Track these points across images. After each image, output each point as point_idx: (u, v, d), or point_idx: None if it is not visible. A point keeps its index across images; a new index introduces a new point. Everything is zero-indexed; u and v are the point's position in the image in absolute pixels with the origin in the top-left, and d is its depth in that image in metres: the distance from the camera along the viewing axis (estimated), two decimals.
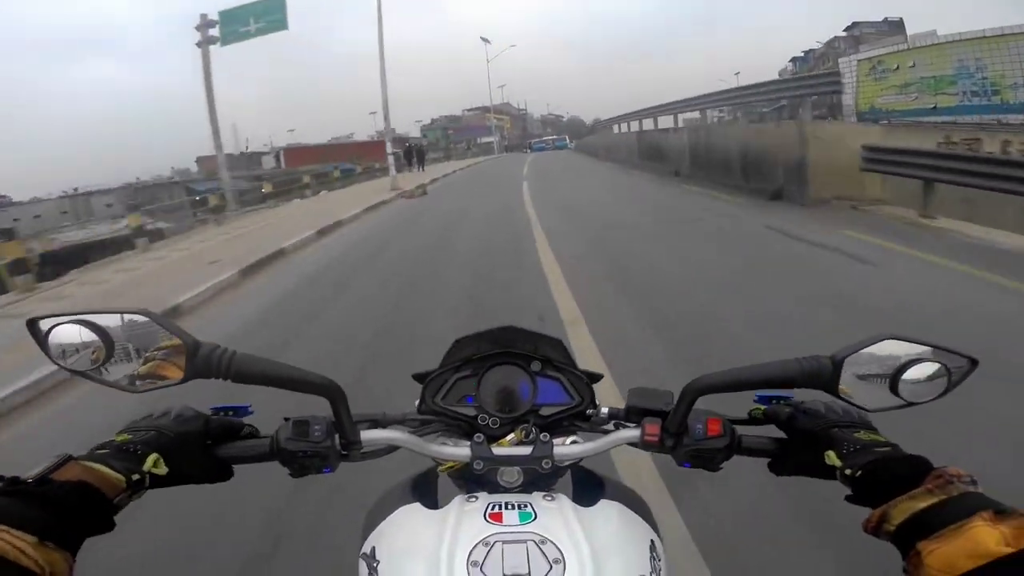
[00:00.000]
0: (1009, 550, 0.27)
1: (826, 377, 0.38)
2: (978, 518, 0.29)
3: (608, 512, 0.40)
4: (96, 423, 1.75)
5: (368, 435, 0.41)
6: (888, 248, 3.55)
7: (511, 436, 0.43)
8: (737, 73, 58.31)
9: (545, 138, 52.52)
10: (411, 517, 0.40)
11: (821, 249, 3.63)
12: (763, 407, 0.45)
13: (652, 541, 0.40)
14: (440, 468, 0.44)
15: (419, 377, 0.48)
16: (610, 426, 0.46)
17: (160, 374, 0.36)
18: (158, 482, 0.37)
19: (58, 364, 0.35)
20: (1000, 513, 0.29)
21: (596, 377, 0.49)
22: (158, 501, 0.39)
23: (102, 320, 0.35)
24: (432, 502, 0.42)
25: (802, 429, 0.41)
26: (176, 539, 1.24)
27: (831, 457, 0.38)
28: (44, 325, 0.35)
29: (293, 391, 0.37)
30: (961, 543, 0.28)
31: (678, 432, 0.41)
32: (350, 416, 0.40)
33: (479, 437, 0.43)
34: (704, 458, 0.41)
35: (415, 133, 57.01)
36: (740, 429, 0.42)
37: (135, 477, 0.34)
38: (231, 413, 0.44)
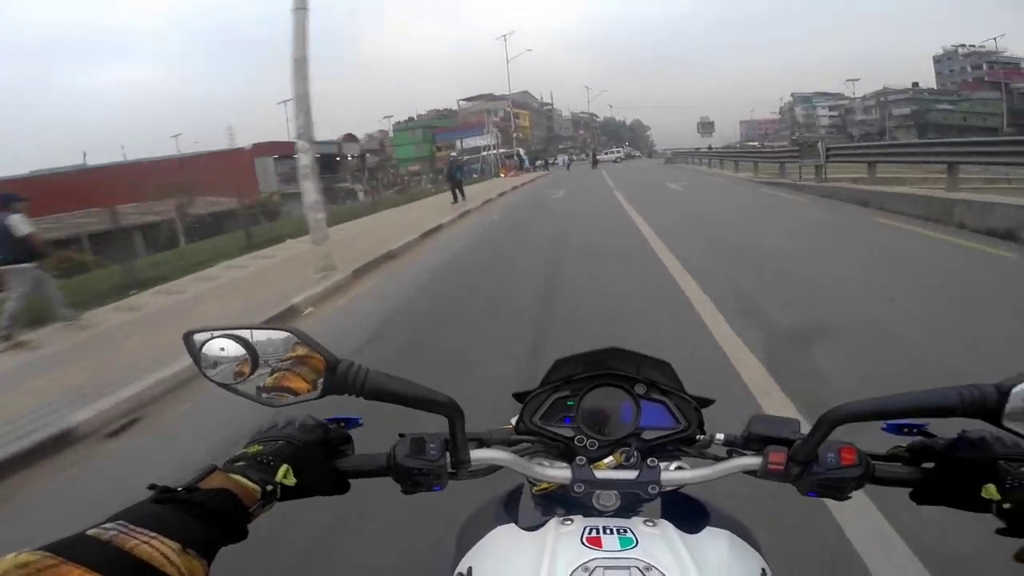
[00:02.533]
0: None
1: (990, 407, 0.40)
2: None
3: (716, 540, 0.45)
4: None
5: (476, 454, 0.47)
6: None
7: (610, 459, 0.49)
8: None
9: (614, 148, 50.46)
10: (507, 538, 0.46)
11: None
12: (904, 445, 0.48)
13: (763, 570, 0.44)
14: (535, 489, 0.51)
15: (519, 396, 0.55)
16: (722, 452, 0.51)
17: (296, 389, 0.43)
18: (287, 493, 0.44)
19: (206, 375, 0.44)
20: None
21: (706, 402, 0.54)
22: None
23: (250, 335, 0.43)
24: (525, 522, 0.48)
25: (963, 459, 0.44)
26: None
27: (990, 491, 0.41)
28: (198, 339, 0.43)
29: (420, 409, 0.44)
30: None
31: (806, 461, 0.44)
32: (464, 435, 0.46)
33: (581, 459, 0.48)
34: (833, 487, 0.45)
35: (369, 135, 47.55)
36: (881, 463, 0.46)
37: (269, 488, 0.41)
38: (343, 424, 0.51)
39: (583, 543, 0.42)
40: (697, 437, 0.52)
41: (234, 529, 0.38)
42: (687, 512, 0.50)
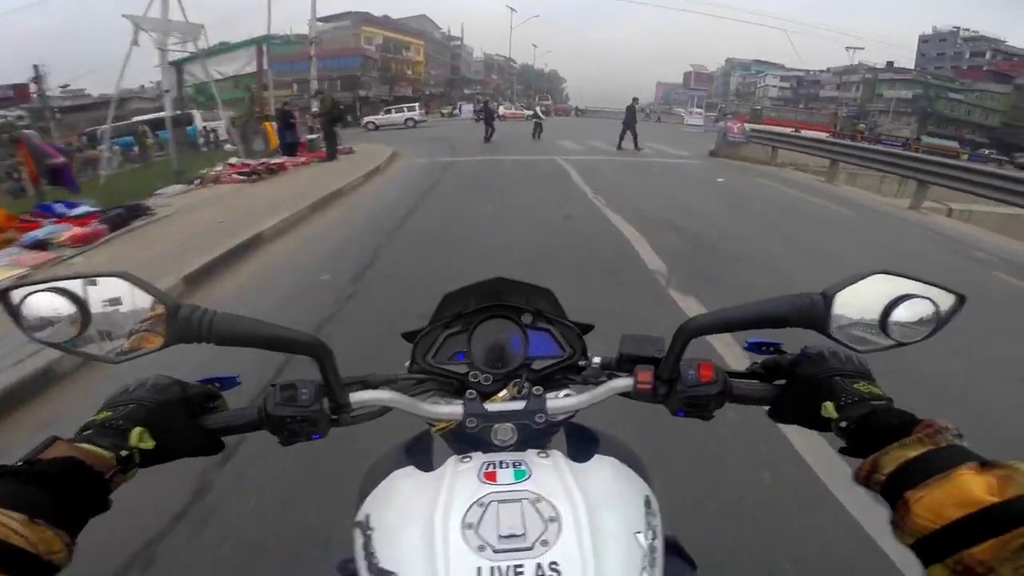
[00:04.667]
0: (995, 499, 0.36)
1: (818, 314, 0.49)
2: (965, 468, 0.39)
3: (602, 467, 0.53)
4: None
5: (358, 396, 0.53)
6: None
7: (504, 392, 0.58)
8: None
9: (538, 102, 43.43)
10: (405, 481, 0.52)
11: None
12: (759, 359, 0.60)
13: (647, 497, 0.52)
14: (434, 429, 0.59)
15: (408, 336, 0.63)
16: (603, 377, 0.60)
17: (139, 342, 0.46)
18: (148, 458, 0.49)
19: (33, 338, 0.44)
20: (985, 464, 0.39)
21: (587, 328, 0.64)
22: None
23: (78, 287, 0.44)
24: (427, 465, 0.54)
25: (804, 376, 0.54)
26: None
27: (828, 409, 0.51)
28: (16, 296, 0.43)
29: (279, 351, 0.50)
30: (948, 491, 0.38)
31: (671, 379, 0.54)
32: (339, 377, 0.52)
33: (471, 394, 0.56)
34: (698, 406, 0.54)
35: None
36: (736, 380, 0.57)
37: (123, 453, 0.46)
38: (218, 385, 0.57)
39: (480, 479, 0.48)
40: (580, 363, 0.61)
41: (92, 499, 0.42)
42: (583, 441, 0.60)
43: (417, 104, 34.34)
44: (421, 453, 0.58)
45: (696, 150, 15.63)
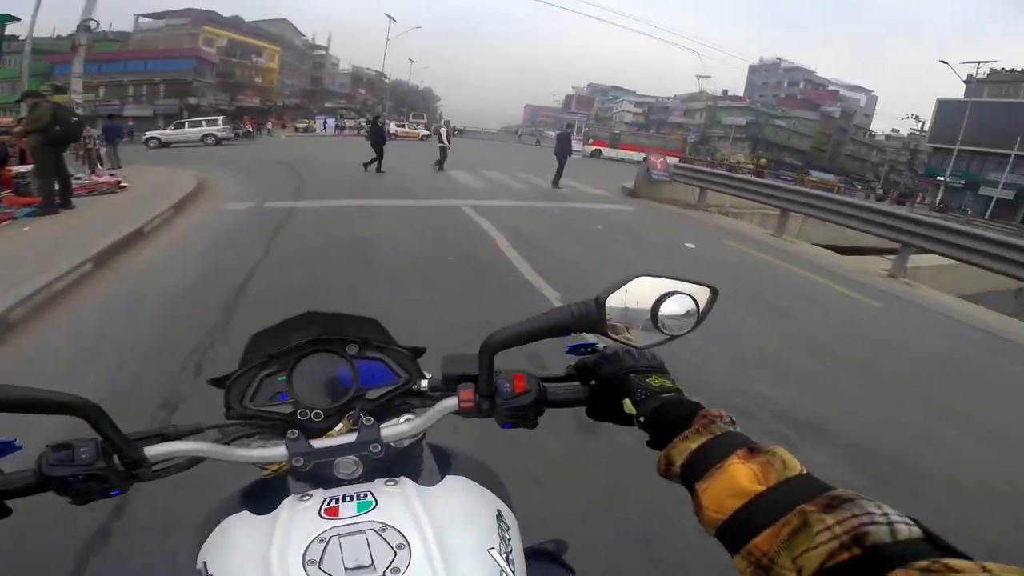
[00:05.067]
0: (760, 488, 0.38)
1: (593, 319, 0.51)
2: (734, 456, 0.41)
3: (451, 488, 0.53)
4: None
5: (155, 450, 0.50)
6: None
7: (340, 426, 0.56)
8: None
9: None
10: (238, 525, 0.50)
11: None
12: (574, 363, 0.62)
13: (499, 511, 0.53)
14: (264, 474, 0.56)
15: (217, 382, 0.59)
16: (437, 397, 0.59)
17: None
18: None
19: None
20: (752, 451, 0.41)
21: (419, 351, 0.63)
22: None
23: None
24: (265, 509, 0.51)
25: (605, 375, 0.57)
26: None
27: (627, 405, 0.53)
28: None
29: (40, 414, 0.45)
30: (723, 482, 0.40)
31: (491, 394, 0.55)
32: (119, 432, 0.48)
33: (293, 433, 0.54)
34: (520, 416, 0.56)
35: None
36: (555, 385, 0.60)
37: None
38: None
39: (321, 515, 0.47)
40: (414, 387, 0.61)
41: None
42: (439, 463, 0.60)
43: (221, 118, 27.80)
44: (261, 498, 0.55)
45: (608, 186, 13.32)
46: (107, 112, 19.65)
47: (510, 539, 0.50)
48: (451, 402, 0.55)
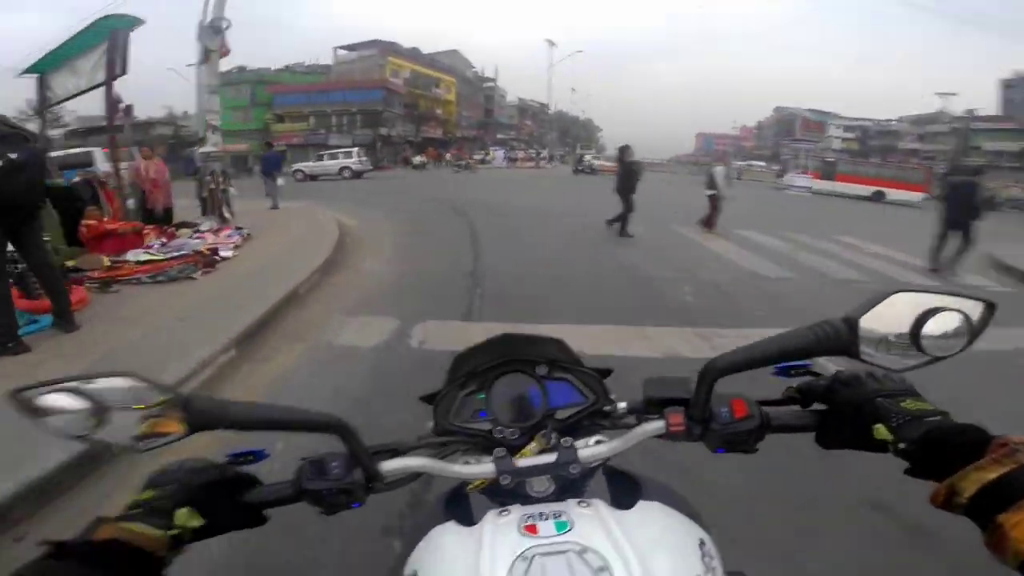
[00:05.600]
0: None
1: (844, 341, 0.48)
2: None
3: (649, 513, 0.52)
4: None
5: (388, 465, 0.54)
6: None
7: (532, 445, 0.57)
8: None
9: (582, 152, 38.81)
10: (447, 536, 0.52)
11: None
12: (795, 386, 0.60)
13: (701, 539, 0.51)
14: (469, 488, 0.58)
15: (427, 398, 0.64)
16: (631, 420, 0.59)
17: (161, 431, 0.48)
18: (197, 534, 0.51)
19: (52, 433, 0.46)
20: None
21: (606, 372, 0.64)
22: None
23: (88, 386, 0.46)
24: (467, 518, 0.54)
25: (844, 401, 0.54)
26: None
27: (880, 431, 0.49)
28: (29, 396, 0.45)
29: (299, 431, 0.50)
30: None
31: (704, 419, 0.53)
32: (365, 449, 0.53)
33: (500, 451, 0.56)
34: (737, 441, 0.54)
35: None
36: (775, 409, 0.57)
37: (172, 532, 0.47)
38: (250, 458, 0.58)
39: (520, 532, 0.48)
40: (605, 408, 0.61)
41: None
42: (625, 487, 0.59)
43: (356, 150, 26.97)
44: (460, 507, 0.59)
45: (918, 247, 7.37)
46: (267, 140, 17.26)
47: (716, 569, 0.49)
48: (656, 425, 0.55)
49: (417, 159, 33.87)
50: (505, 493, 0.55)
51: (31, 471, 1.96)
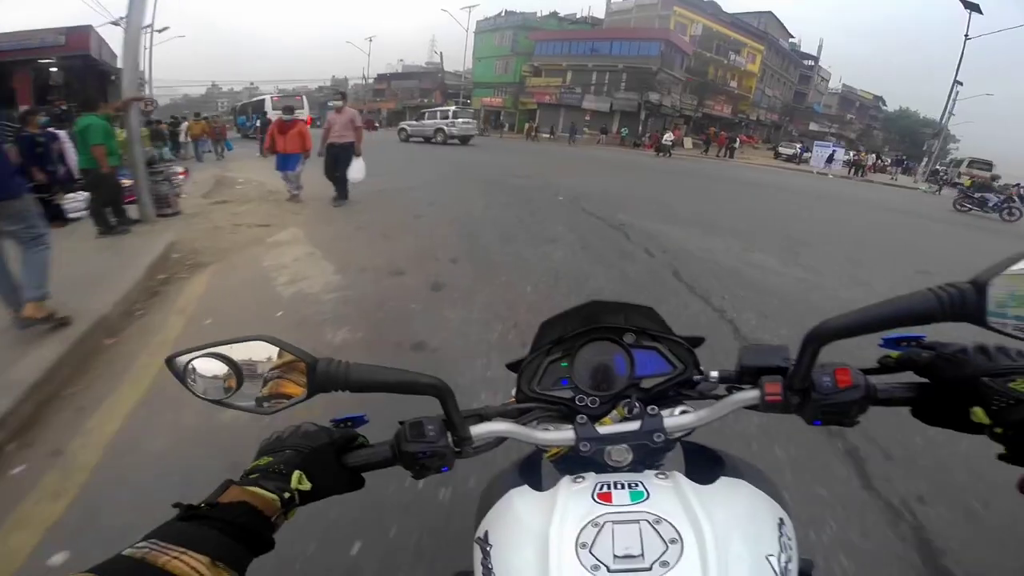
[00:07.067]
0: None
1: (971, 307, 0.43)
2: None
3: (730, 489, 0.51)
4: None
5: (477, 429, 0.56)
6: None
7: (614, 413, 0.58)
8: None
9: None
10: (520, 500, 0.54)
11: None
12: (895, 352, 0.54)
13: (781, 519, 0.50)
14: (547, 455, 0.60)
15: (512, 366, 0.67)
16: (721, 390, 0.58)
17: (284, 393, 0.51)
18: (304, 498, 0.53)
19: (197, 395, 0.50)
20: None
21: (697, 341, 0.63)
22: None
23: (229, 350, 0.49)
24: (539, 484, 0.56)
25: (945, 379, 0.50)
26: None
27: (978, 415, 0.47)
28: (180, 361, 0.49)
29: (406, 394, 0.52)
30: None
31: (803, 388, 0.50)
32: (459, 413, 0.54)
33: (582, 418, 0.57)
34: (838, 413, 0.50)
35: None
36: (878, 379, 0.52)
37: (286, 495, 0.50)
38: (350, 424, 0.60)
39: (594, 499, 0.49)
40: (694, 378, 0.60)
41: (260, 540, 0.46)
42: (705, 463, 0.58)
43: (454, 109, 22.65)
44: (533, 472, 0.61)
45: None
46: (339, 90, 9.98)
47: (792, 550, 0.48)
48: (750, 395, 0.53)
49: (667, 137, 24.48)
50: (581, 463, 0.56)
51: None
